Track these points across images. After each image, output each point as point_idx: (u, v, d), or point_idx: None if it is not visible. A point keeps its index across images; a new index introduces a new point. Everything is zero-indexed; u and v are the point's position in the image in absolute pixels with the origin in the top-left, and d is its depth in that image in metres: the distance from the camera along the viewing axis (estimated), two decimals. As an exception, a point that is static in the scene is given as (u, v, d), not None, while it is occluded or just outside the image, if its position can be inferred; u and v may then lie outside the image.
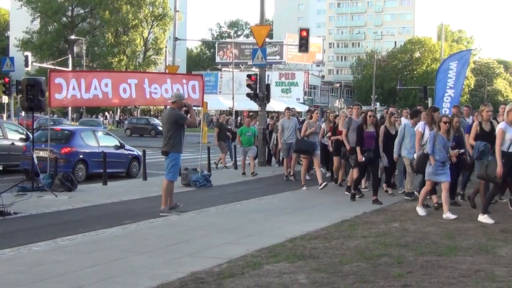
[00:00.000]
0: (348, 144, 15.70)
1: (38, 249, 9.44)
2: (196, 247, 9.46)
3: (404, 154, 15.11)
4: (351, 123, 15.92)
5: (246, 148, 21.74)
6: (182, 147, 13.15)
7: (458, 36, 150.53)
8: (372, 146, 14.66)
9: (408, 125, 15.30)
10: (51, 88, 16.90)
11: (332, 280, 7.35)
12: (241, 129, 22.56)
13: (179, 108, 13.18)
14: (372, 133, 14.77)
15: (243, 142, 21.80)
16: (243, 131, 22.12)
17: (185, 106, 13.39)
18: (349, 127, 15.85)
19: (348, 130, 15.87)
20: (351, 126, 15.81)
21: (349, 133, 15.81)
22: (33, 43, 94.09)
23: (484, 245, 9.32)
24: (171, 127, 12.92)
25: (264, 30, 26.37)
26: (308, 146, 17.43)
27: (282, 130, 19.57)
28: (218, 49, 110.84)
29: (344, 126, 16.14)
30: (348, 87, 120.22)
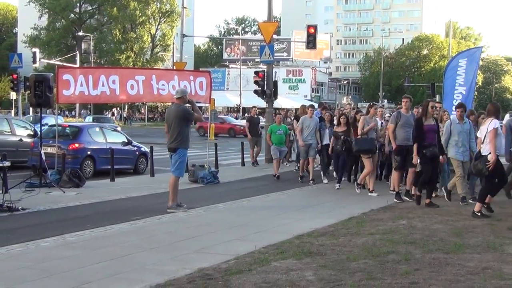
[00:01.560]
0: (395, 141, 14.35)
1: (46, 245, 9.46)
2: (204, 244, 9.47)
3: (452, 155, 13.92)
4: (400, 118, 14.40)
5: (277, 147, 19.80)
6: (189, 142, 13.16)
7: (466, 33, 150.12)
8: (434, 140, 13.38)
9: (454, 121, 14.06)
10: (59, 84, 16.94)
11: (340, 277, 7.35)
12: (272, 127, 20.35)
13: (184, 104, 13.19)
14: (433, 126, 13.47)
15: (273, 141, 19.83)
16: (273, 129, 20.02)
17: (189, 102, 13.41)
18: (397, 122, 14.37)
19: (396, 125, 14.38)
20: (399, 121, 14.35)
21: (397, 129, 14.36)
22: (41, 40, 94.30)
23: (491, 243, 9.30)
24: (180, 123, 12.91)
25: (272, 26, 26.34)
26: (370, 145, 15.61)
27: (301, 128, 18.09)
28: (225, 46, 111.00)
29: (391, 121, 14.61)
30: (355, 84, 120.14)
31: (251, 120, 25.21)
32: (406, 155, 14.10)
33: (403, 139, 14.26)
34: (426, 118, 13.44)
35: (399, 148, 14.25)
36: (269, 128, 20.42)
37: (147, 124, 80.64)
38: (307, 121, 18.11)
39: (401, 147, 14.20)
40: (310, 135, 17.94)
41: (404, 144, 14.20)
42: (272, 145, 19.86)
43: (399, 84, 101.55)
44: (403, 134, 14.25)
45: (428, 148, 13.22)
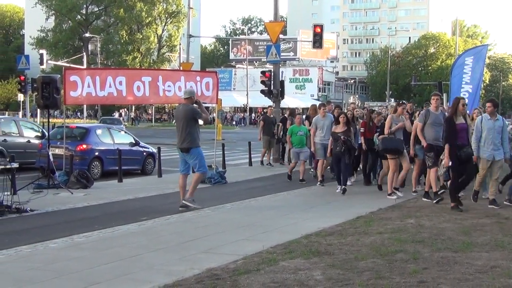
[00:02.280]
0: (424, 139, 13.67)
1: (55, 246, 9.49)
2: (212, 244, 9.48)
3: (479, 153, 12.98)
4: (428, 116, 13.74)
5: (297, 149, 18.65)
6: (199, 140, 13.25)
7: (473, 31, 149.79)
8: (467, 140, 12.82)
9: (486, 118, 13.13)
10: (66, 85, 16.99)
11: (348, 276, 7.34)
12: (292, 127, 19.13)
13: (192, 104, 13.26)
14: (464, 125, 12.86)
15: (294, 142, 18.69)
16: (294, 130, 18.85)
17: (196, 102, 13.47)
18: (426, 121, 13.73)
19: (425, 124, 13.76)
20: (428, 119, 13.70)
21: (425, 128, 13.75)
22: (48, 41, 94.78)
23: (500, 241, 9.27)
24: (189, 123, 12.99)
25: (278, 26, 26.36)
26: (397, 145, 14.82)
27: (316, 129, 17.41)
28: (232, 46, 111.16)
29: (420, 120, 13.95)
30: (362, 83, 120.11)
31: (266, 119, 24.65)
32: (437, 155, 13.39)
33: (433, 139, 13.61)
34: (457, 116, 12.77)
35: (430, 146, 13.56)
36: (289, 129, 19.25)
37: (154, 125, 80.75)
38: (320, 121, 17.43)
39: (432, 146, 13.55)
40: (328, 134, 16.99)
41: (435, 144, 13.54)
42: (292, 148, 18.86)
43: (406, 83, 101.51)
44: (433, 133, 13.62)
45: (461, 149, 12.56)
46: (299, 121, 19.22)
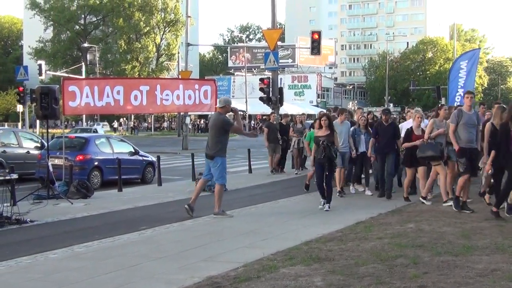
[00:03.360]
0: (457, 142, 12.83)
1: (55, 256, 9.48)
2: (212, 252, 9.48)
3: None
4: (461, 117, 12.86)
5: None
6: (226, 151, 13.40)
7: (470, 35, 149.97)
8: None
9: None
10: (65, 96, 16.98)
11: (348, 282, 7.34)
12: (310, 134, 17.03)
13: (226, 113, 13.33)
14: None
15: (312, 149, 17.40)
16: (313, 137, 16.47)
17: (232, 110, 13.55)
18: (459, 122, 12.88)
19: (457, 125, 12.92)
20: (461, 120, 12.84)
21: (458, 129, 12.90)
22: (46, 52, 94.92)
23: (500, 244, 9.28)
24: (218, 132, 13.09)
25: (276, 33, 26.44)
26: (437, 151, 13.88)
27: None
28: (230, 54, 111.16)
29: (452, 121, 13.02)
30: (361, 89, 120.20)
31: (269, 126, 23.88)
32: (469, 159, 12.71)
33: (466, 141, 12.82)
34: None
35: (462, 150, 12.74)
36: (308, 135, 17.36)
37: (153, 134, 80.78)
38: (337, 127, 15.70)
39: (464, 149, 12.72)
40: (344, 142, 16.12)
41: (468, 146, 12.77)
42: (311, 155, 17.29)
43: (405, 88, 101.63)
44: (466, 135, 12.81)
45: None
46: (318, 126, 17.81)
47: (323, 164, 13.76)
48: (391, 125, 15.67)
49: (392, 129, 15.59)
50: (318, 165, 13.95)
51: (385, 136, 15.51)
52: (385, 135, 15.51)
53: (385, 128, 15.55)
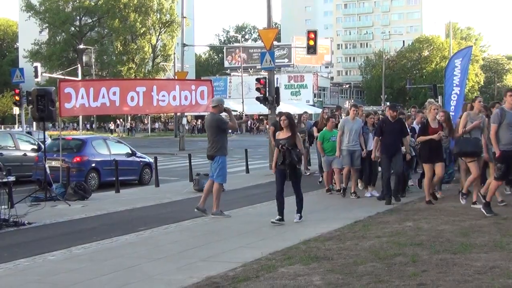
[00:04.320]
0: (498, 146, 11.78)
1: (53, 258, 9.47)
2: (210, 252, 9.47)
3: None
4: (504, 116, 11.81)
5: (330, 157, 16.29)
6: (226, 150, 13.50)
7: (466, 34, 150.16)
8: None
9: None
10: (61, 97, 16.98)
11: (347, 281, 7.34)
12: (324, 133, 16.75)
13: (220, 112, 13.36)
14: None
15: (326, 149, 16.44)
16: (326, 136, 16.61)
17: (225, 110, 13.58)
18: (502, 122, 11.80)
19: (500, 125, 11.82)
20: (504, 120, 11.77)
21: (500, 130, 11.85)
22: (42, 54, 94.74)
23: (498, 242, 9.28)
24: (215, 132, 13.15)
25: (272, 33, 26.35)
26: (474, 146, 13.02)
27: (342, 133, 15.66)
28: (226, 54, 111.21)
29: (494, 121, 11.89)
30: (357, 88, 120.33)
31: (276, 125, 23.94)
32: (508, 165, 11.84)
33: (508, 143, 11.80)
34: None
35: (503, 154, 11.75)
36: (320, 135, 16.85)
37: (150, 135, 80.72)
38: (349, 123, 15.60)
39: (506, 152, 11.74)
40: (354, 140, 15.55)
41: (508, 149, 11.79)
42: (325, 156, 16.53)
43: (401, 86, 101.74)
44: (508, 136, 11.81)
45: None
46: (332, 125, 16.85)
47: (284, 171, 12.02)
48: (398, 122, 14.49)
49: (399, 126, 14.42)
50: (279, 173, 12.13)
51: (391, 134, 14.30)
52: (391, 133, 14.29)
53: (392, 126, 14.31)
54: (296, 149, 11.98)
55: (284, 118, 12.28)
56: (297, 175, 12.30)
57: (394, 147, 14.33)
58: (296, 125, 12.64)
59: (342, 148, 15.60)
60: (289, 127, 12.14)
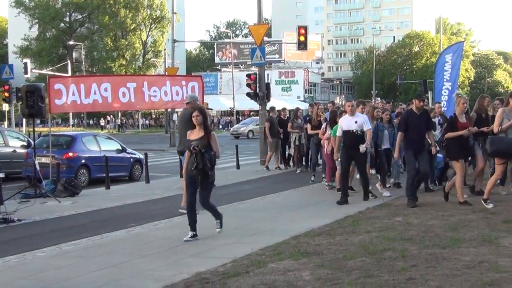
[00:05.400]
0: None
1: (43, 255, 9.46)
2: (200, 248, 9.48)
3: None
4: None
5: None
6: None
7: (457, 29, 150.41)
8: None
9: None
10: (51, 94, 16.93)
11: (337, 276, 7.36)
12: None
13: None
14: None
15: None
16: None
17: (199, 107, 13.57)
18: None
19: None
20: None
21: None
22: (31, 50, 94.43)
23: (487, 236, 9.31)
24: (185, 127, 13.09)
25: (262, 29, 26.34)
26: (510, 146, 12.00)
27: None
28: (217, 50, 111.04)
29: None
30: (348, 84, 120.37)
31: (271, 120, 22.97)
32: None
33: None
34: None
35: None
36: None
37: (141, 131, 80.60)
38: None
39: None
40: None
41: None
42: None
43: (392, 82, 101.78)
44: None
45: None
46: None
47: (195, 177, 10.09)
48: (424, 114, 13.07)
49: (425, 119, 13.03)
50: (189, 180, 10.28)
51: (418, 128, 12.91)
52: (418, 126, 12.90)
53: (417, 119, 12.88)
54: (210, 152, 10.09)
55: (197, 114, 10.31)
56: (208, 184, 10.23)
57: (421, 143, 13.14)
58: (209, 122, 10.74)
59: None
60: (203, 125, 10.27)
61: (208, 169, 9.97)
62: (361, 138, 13.54)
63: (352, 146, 13.51)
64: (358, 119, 13.61)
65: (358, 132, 13.51)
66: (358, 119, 13.60)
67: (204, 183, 10.11)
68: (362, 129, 13.55)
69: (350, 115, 13.69)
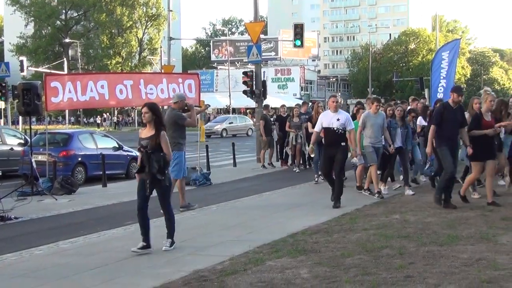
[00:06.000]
0: None
1: (40, 253, 9.44)
2: (198, 246, 9.48)
3: None
4: None
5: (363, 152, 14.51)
6: (183, 146, 13.29)
7: (453, 26, 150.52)
8: None
9: None
10: (47, 92, 16.88)
11: (334, 273, 7.36)
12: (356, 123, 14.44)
13: (180, 109, 13.32)
14: None
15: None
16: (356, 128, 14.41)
17: (186, 106, 13.51)
18: None
19: None
20: None
21: None
22: (27, 48, 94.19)
23: (485, 234, 9.33)
24: (172, 128, 13.07)
25: (258, 26, 26.33)
26: None
27: (363, 128, 14.15)
28: (213, 47, 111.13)
29: None
30: (344, 81, 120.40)
31: (266, 118, 23.10)
32: None
33: None
34: None
35: None
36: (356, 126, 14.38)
37: (137, 128, 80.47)
38: (371, 118, 14.07)
39: None
40: (377, 136, 14.08)
41: None
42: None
43: (388, 80, 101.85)
44: None
45: None
46: None
47: (145, 182, 9.21)
48: (460, 109, 12.25)
49: (461, 114, 12.22)
50: (140, 183, 9.32)
51: (453, 122, 12.08)
52: (453, 121, 12.07)
53: (453, 113, 12.07)
54: (158, 153, 9.12)
55: (145, 111, 9.38)
56: (160, 188, 9.31)
57: (456, 139, 12.46)
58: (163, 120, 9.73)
59: (366, 144, 14.10)
60: (154, 123, 9.34)
61: (156, 171, 8.99)
62: (343, 137, 12.99)
63: (332, 144, 12.93)
64: (341, 117, 13.01)
65: (339, 131, 12.92)
66: (340, 117, 13.00)
67: (157, 187, 9.23)
68: (344, 127, 12.95)
69: (332, 111, 13.10)
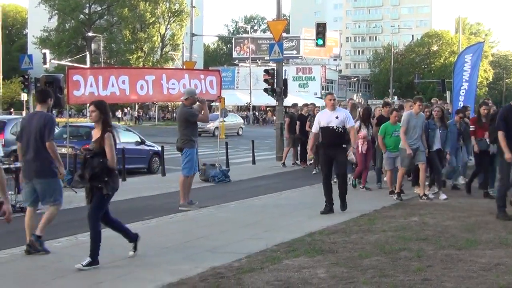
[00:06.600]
0: None
1: (59, 245, 9.52)
2: (216, 243, 9.49)
3: None
4: None
5: (393, 154, 14.47)
6: (195, 143, 13.35)
7: (476, 29, 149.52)
8: None
9: None
10: (69, 85, 16.98)
11: (352, 274, 7.35)
12: (386, 126, 14.76)
13: (191, 105, 13.34)
14: None
15: (388, 145, 14.60)
16: (388, 130, 14.69)
17: (198, 101, 13.50)
18: None
19: None
20: None
21: None
22: (51, 41, 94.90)
23: (504, 239, 9.27)
24: (183, 124, 13.18)
25: (281, 24, 26.33)
26: None
27: (406, 129, 13.63)
28: (235, 45, 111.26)
29: None
30: (365, 81, 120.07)
31: (292, 116, 22.87)
32: None
33: None
34: None
35: None
36: (381, 128, 14.84)
37: (157, 124, 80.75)
38: (413, 119, 13.63)
39: None
40: (416, 137, 13.65)
41: None
42: (386, 151, 14.74)
43: (409, 81, 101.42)
44: None
45: None
46: (395, 119, 14.76)
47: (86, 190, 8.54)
48: None
49: None
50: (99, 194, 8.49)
51: None
52: None
53: None
54: (98, 159, 8.17)
55: (92, 109, 8.39)
56: (96, 197, 8.40)
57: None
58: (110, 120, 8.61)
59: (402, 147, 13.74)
60: (101, 123, 8.32)
61: (88, 178, 8.11)
62: (343, 136, 12.32)
63: (332, 145, 12.23)
64: (340, 114, 12.35)
65: (339, 130, 12.22)
66: (339, 114, 12.34)
67: (94, 195, 8.35)
68: (344, 126, 12.27)
69: (330, 109, 12.42)
